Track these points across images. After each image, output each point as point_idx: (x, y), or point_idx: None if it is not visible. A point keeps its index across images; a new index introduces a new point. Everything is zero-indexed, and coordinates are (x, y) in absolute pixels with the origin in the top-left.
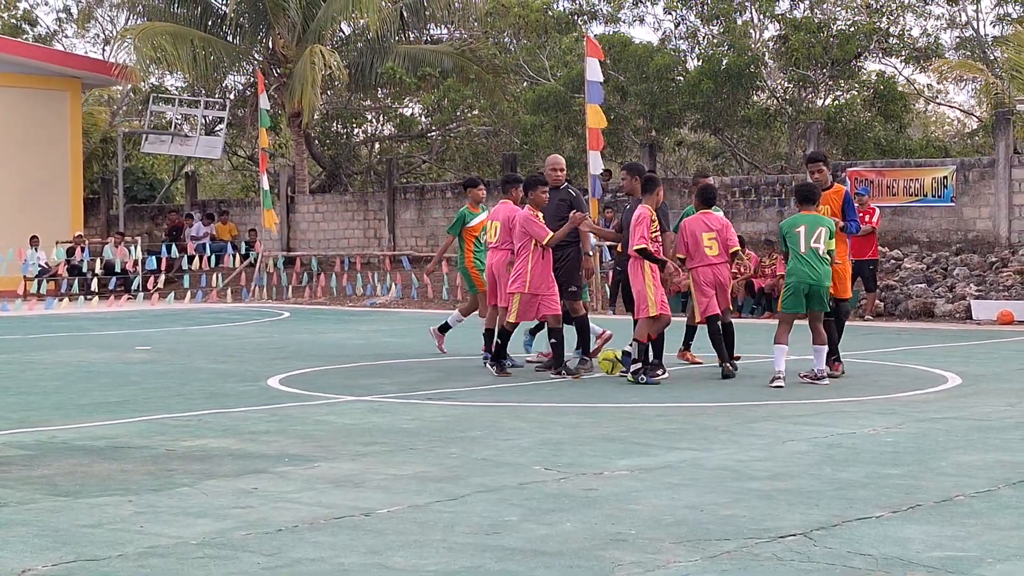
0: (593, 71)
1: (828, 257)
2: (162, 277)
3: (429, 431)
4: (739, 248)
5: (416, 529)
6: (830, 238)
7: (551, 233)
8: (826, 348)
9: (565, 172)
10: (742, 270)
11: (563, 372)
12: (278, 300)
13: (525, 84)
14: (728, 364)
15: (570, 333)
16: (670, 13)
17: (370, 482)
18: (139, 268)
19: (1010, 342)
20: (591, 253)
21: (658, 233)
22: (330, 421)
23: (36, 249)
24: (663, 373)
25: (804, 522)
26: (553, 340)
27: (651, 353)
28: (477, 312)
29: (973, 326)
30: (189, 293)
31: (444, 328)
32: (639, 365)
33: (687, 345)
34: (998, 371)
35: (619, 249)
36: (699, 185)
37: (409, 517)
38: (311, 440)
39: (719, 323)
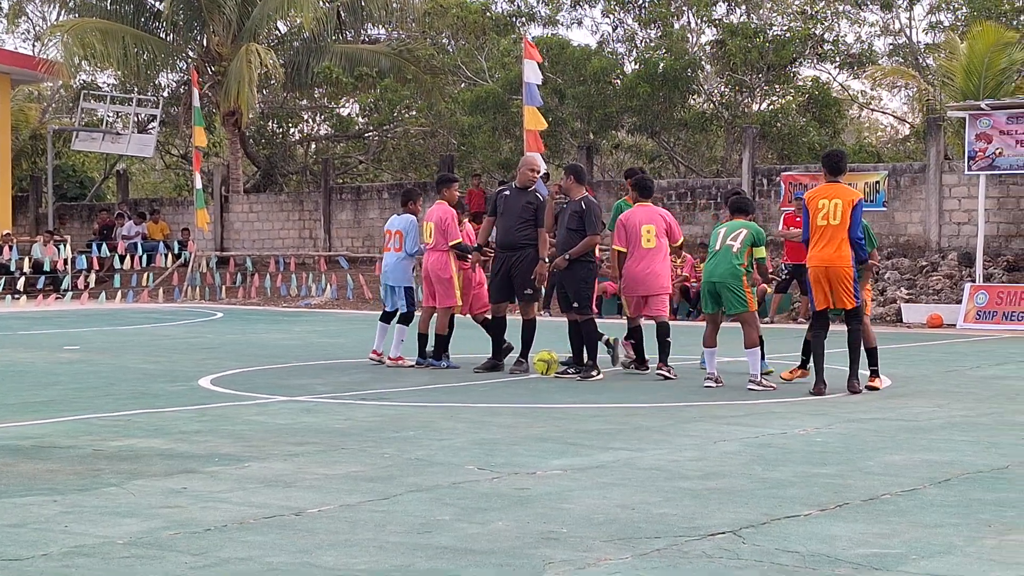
0: (531, 73)
1: (739, 258)
2: (92, 276)
3: (362, 431)
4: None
5: (347, 528)
6: (756, 245)
7: (459, 238)
8: (757, 351)
9: (538, 173)
10: (677, 272)
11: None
12: (211, 300)
13: (463, 85)
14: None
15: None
16: (608, 16)
17: (301, 482)
18: (68, 267)
19: (939, 345)
20: (546, 259)
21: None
22: (261, 421)
23: None
24: (597, 374)
25: (734, 520)
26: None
27: (586, 354)
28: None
29: (904, 329)
30: (120, 293)
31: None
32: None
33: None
34: (927, 373)
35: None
36: (634, 177)
37: (340, 516)
38: (242, 440)
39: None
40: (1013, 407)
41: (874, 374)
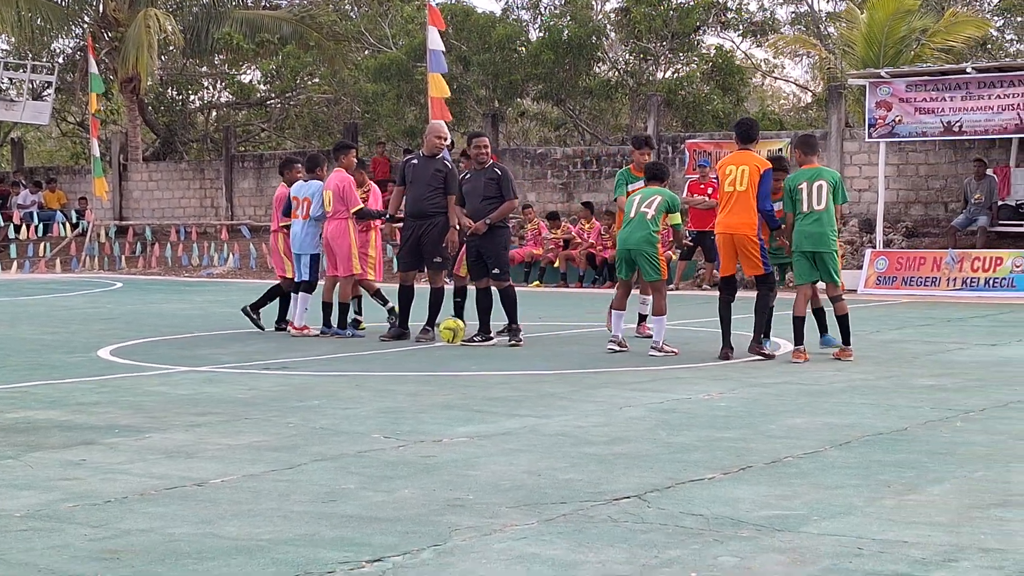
0: (435, 40)
1: (654, 225)
2: None
3: (265, 401)
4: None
5: (250, 498)
6: (670, 211)
7: (361, 204)
8: (663, 319)
9: (445, 140)
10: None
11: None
12: (110, 270)
13: (366, 52)
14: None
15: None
16: None
17: (203, 452)
18: None
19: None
20: (458, 226)
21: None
22: (163, 392)
23: None
24: (519, 340)
25: (639, 485)
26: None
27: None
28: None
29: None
30: (16, 263)
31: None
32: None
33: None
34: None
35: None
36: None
37: (243, 487)
38: (143, 411)
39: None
40: (911, 370)
41: (846, 343)
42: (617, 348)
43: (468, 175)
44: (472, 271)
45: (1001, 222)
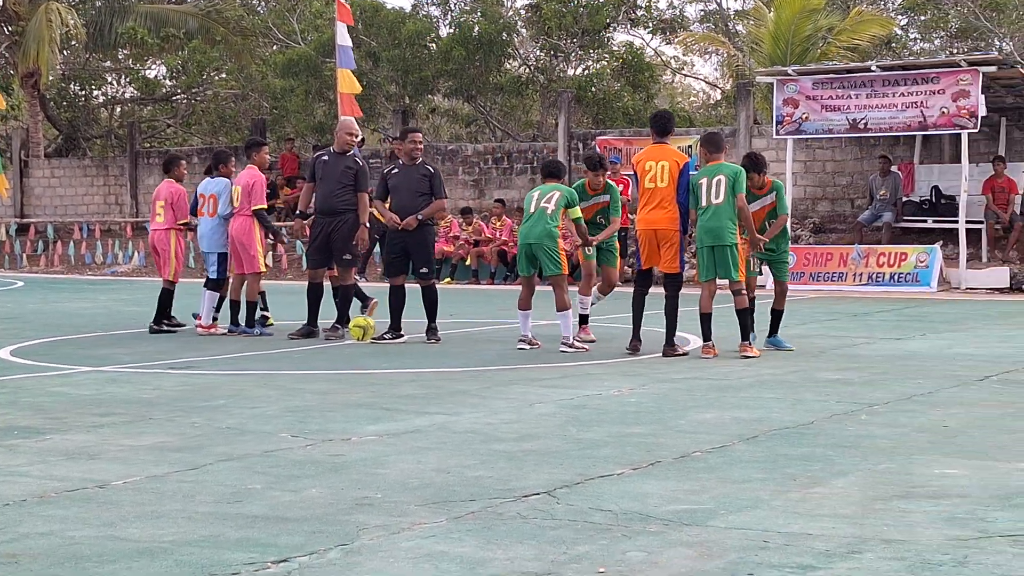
0: (344, 36)
1: (553, 220)
2: None
3: (170, 401)
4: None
5: (154, 500)
6: (569, 206)
7: (263, 204)
8: (568, 313)
9: (356, 136)
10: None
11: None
12: (11, 269)
13: (274, 48)
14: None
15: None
16: None
17: (106, 454)
18: None
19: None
20: (367, 224)
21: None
22: (64, 392)
23: None
24: (396, 338)
25: (548, 481)
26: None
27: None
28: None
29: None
30: None
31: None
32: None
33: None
34: (736, 333)
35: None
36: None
37: (147, 488)
38: (43, 412)
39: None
40: (818, 364)
41: (745, 339)
42: (527, 347)
43: (396, 170)
44: (391, 267)
45: (906, 218)
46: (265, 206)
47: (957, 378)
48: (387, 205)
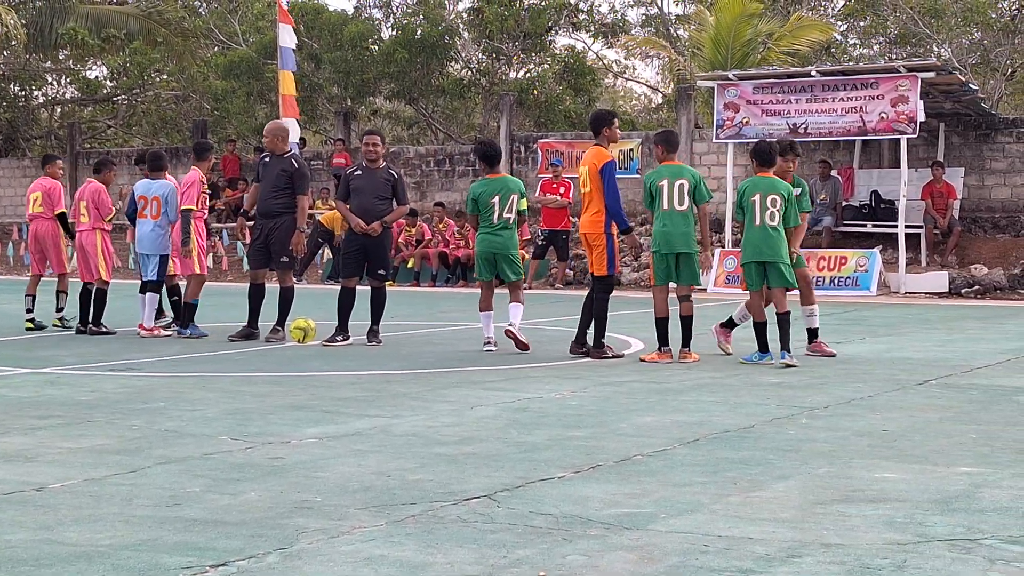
0: (286, 37)
1: (515, 227)
2: None
3: (109, 403)
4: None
5: (91, 503)
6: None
7: (192, 206)
8: (520, 306)
9: (284, 139)
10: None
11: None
12: None
13: (216, 49)
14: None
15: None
16: None
17: (43, 456)
18: None
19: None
20: (304, 229)
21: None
22: (2, 395)
23: None
24: (346, 340)
25: (489, 484)
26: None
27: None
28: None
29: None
30: None
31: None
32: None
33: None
34: (677, 336)
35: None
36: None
37: (84, 491)
38: None
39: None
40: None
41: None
42: (493, 348)
43: (359, 172)
44: (347, 268)
45: (846, 222)
46: (194, 207)
47: (897, 382)
48: (348, 207)
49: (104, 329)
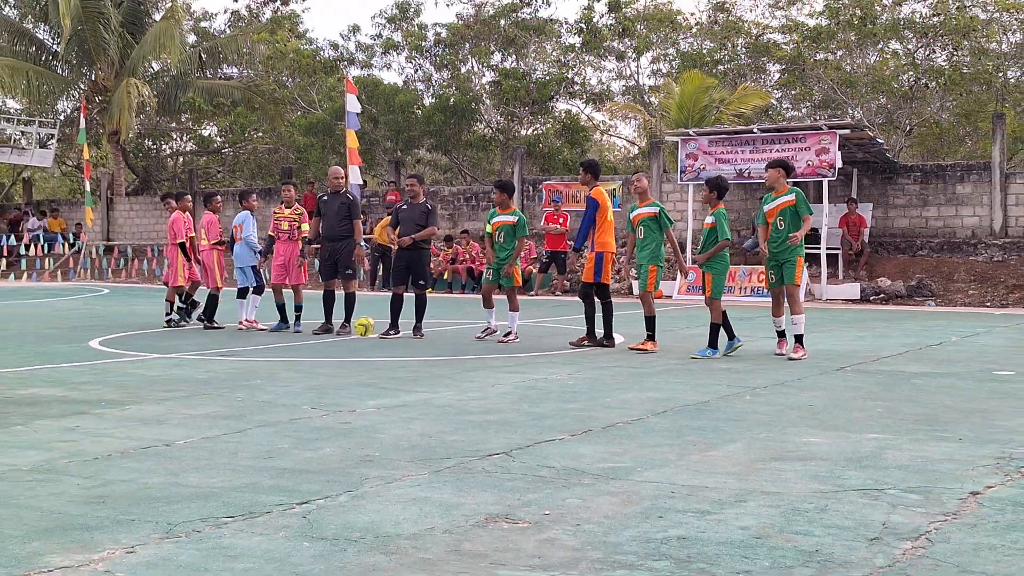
0: (351, 104)
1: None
2: (3, 262)
3: (219, 380)
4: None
5: (207, 456)
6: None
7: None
8: (516, 314)
9: (343, 179)
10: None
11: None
12: (99, 280)
13: (299, 113)
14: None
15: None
16: (410, 62)
17: (171, 420)
18: None
19: (660, 312)
20: (363, 244)
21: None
22: (139, 374)
23: None
24: (397, 334)
25: (506, 444)
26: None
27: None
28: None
29: (633, 299)
30: (26, 274)
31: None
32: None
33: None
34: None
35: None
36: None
37: (201, 446)
38: (124, 389)
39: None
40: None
41: (649, 338)
42: (489, 335)
43: (405, 206)
44: (395, 278)
45: None
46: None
47: (820, 368)
48: (396, 232)
49: (216, 325)
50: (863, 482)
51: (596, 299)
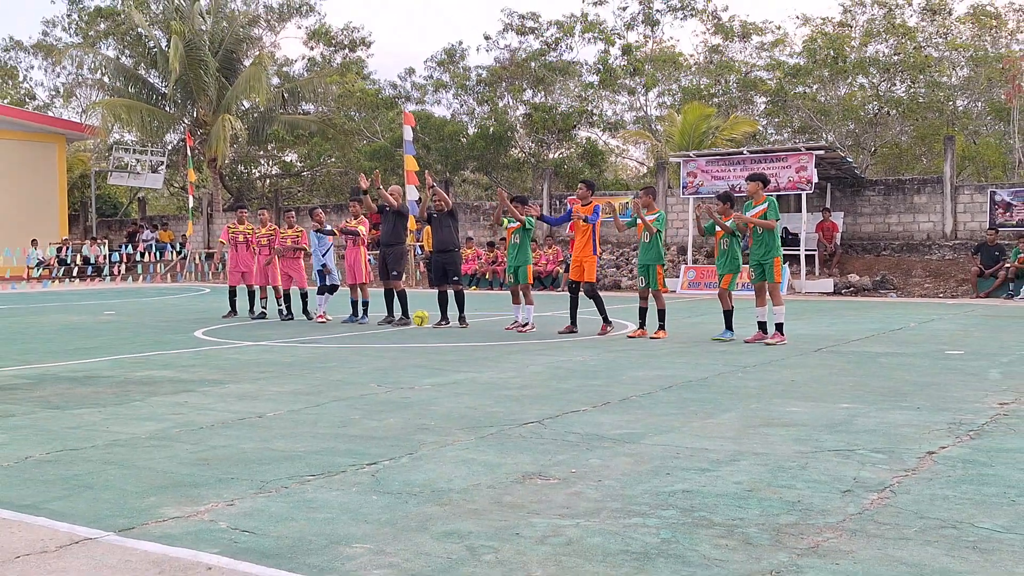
0: (408, 133)
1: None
2: (122, 267)
3: (301, 363)
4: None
5: (292, 425)
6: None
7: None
8: (531, 308)
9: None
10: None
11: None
12: (202, 281)
13: (364, 141)
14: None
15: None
16: (457, 98)
17: (262, 396)
18: (106, 260)
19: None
20: (413, 244)
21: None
22: (235, 358)
23: (35, 248)
24: (447, 323)
25: (539, 415)
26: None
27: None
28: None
29: (633, 293)
30: (141, 277)
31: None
32: None
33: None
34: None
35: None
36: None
37: (287, 418)
38: (223, 370)
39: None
40: (710, 342)
41: (661, 328)
42: (516, 328)
43: (436, 215)
44: (436, 278)
45: None
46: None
47: (800, 349)
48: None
49: (307, 317)
50: (837, 444)
51: (583, 294)
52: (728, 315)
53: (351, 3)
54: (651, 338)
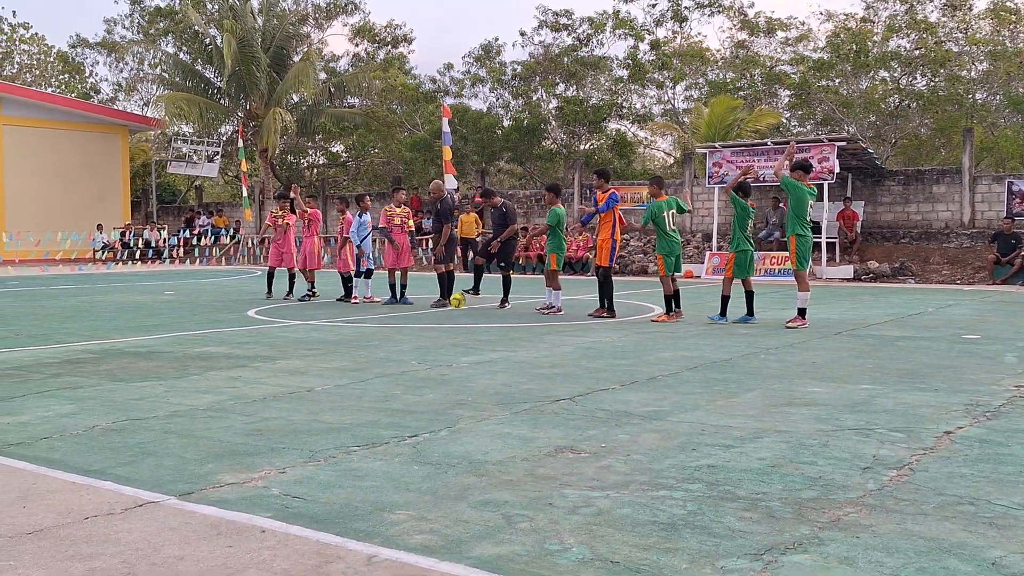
0: (447, 126)
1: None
2: (181, 250)
3: (347, 341)
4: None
5: (339, 399)
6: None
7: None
8: (558, 292)
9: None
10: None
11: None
12: (254, 264)
13: (406, 133)
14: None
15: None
16: (493, 92)
17: (311, 372)
18: (166, 244)
19: (690, 289)
20: (449, 240)
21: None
22: (286, 336)
23: (101, 232)
24: (508, 306)
25: (570, 392)
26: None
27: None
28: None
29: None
30: (198, 260)
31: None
32: None
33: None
34: (684, 306)
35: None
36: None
37: (334, 392)
38: (274, 347)
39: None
40: (734, 324)
41: (666, 312)
42: (547, 311)
43: (491, 209)
44: (490, 264)
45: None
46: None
47: (820, 332)
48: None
49: (345, 299)
50: (857, 423)
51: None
52: (725, 300)
53: (394, 1)
54: (652, 320)
